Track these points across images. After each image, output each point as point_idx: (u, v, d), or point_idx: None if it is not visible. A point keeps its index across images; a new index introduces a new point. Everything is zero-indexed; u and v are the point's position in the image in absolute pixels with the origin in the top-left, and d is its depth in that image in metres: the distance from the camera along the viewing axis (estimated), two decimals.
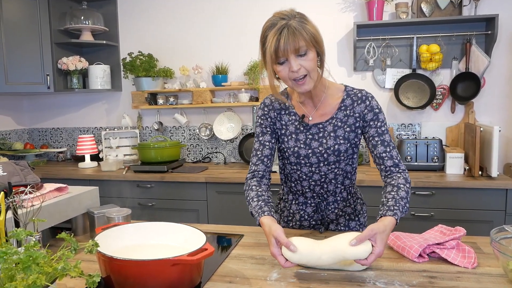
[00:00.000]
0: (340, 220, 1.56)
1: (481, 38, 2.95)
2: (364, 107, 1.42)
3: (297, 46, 1.26)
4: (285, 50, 1.26)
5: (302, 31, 1.27)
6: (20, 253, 0.77)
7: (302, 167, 1.48)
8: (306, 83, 1.33)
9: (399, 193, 1.31)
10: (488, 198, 2.49)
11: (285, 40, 1.26)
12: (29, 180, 1.48)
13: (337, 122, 1.44)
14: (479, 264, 1.21)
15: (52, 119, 3.96)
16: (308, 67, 1.29)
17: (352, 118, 1.43)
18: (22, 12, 3.18)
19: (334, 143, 1.43)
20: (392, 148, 1.41)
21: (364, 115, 1.42)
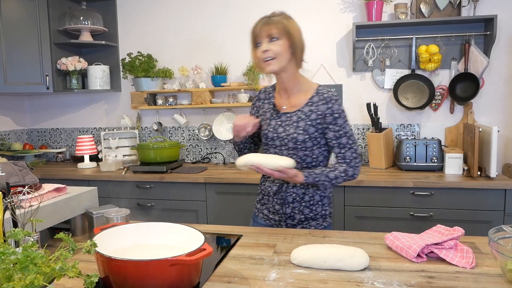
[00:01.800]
0: (295, 204, 1.69)
1: (480, 38, 2.96)
2: (326, 108, 1.60)
3: (269, 32, 1.56)
4: (260, 34, 1.58)
5: (277, 22, 1.57)
6: (18, 253, 0.77)
7: (269, 148, 1.70)
8: (272, 64, 1.57)
9: (329, 172, 1.60)
10: (487, 199, 2.49)
11: (260, 27, 1.58)
12: (27, 180, 1.48)
13: (301, 114, 1.63)
14: (478, 264, 1.21)
15: (51, 119, 3.96)
16: (276, 51, 1.55)
17: (315, 114, 1.61)
18: (21, 12, 3.18)
19: (294, 132, 1.62)
20: (348, 149, 1.61)
21: (325, 116, 1.60)
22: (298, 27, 1.62)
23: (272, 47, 1.55)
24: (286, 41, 1.56)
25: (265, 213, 1.77)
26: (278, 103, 1.70)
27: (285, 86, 1.66)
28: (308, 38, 3.26)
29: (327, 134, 1.61)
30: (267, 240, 1.48)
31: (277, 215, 1.73)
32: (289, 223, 1.71)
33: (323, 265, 1.20)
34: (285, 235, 1.54)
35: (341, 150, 1.61)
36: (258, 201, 1.83)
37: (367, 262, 1.20)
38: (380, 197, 2.64)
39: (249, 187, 2.82)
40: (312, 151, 1.63)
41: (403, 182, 2.58)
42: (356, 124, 3.25)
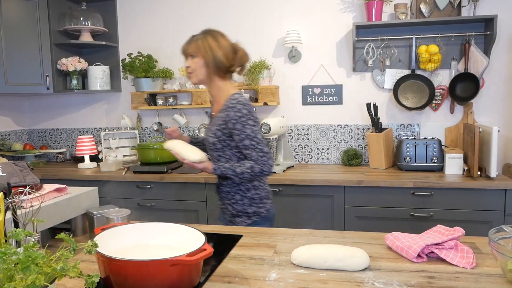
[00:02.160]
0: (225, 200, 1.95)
1: (480, 38, 2.96)
2: (225, 115, 1.79)
3: (188, 51, 1.84)
4: (183, 52, 1.87)
5: (194, 42, 1.82)
6: (19, 253, 0.78)
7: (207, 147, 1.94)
8: (192, 78, 1.86)
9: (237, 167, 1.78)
10: (487, 199, 2.49)
11: (184, 45, 1.86)
12: (28, 180, 1.48)
13: (216, 120, 1.86)
14: (478, 264, 1.21)
15: (52, 119, 3.96)
16: (192, 67, 1.83)
17: (221, 120, 1.81)
18: (22, 13, 3.18)
19: (210, 134, 1.87)
20: (252, 149, 1.78)
21: (227, 122, 1.78)
22: (214, 45, 1.80)
23: (190, 63, 1.84)
24: (201, 58, 1.80)
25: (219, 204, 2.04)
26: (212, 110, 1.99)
27: (211, 95, 1.93)
28: (308, 38, 3.29)
29: (233, 138, 1.80)
30: (267, 240, 1.48)
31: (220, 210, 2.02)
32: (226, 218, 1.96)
33: (323, 265, 1.20)
34: (285, 235, 1.54)
35: (246, 151, 1.79)
36: None
37: (367, 262, 1.20)
38: (380, 197, 2.64)
39: None
40: (224, 152, 1.85)
41: (403, 182, 2.58)
42: (356, 124, 3.25)
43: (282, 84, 3.36)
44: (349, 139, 3.28)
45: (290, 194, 2.79)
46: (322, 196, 2.74)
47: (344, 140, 3.29)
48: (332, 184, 2.69)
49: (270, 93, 3.24)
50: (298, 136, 3.37)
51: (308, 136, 3.35)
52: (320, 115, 3.32)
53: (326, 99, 3.29)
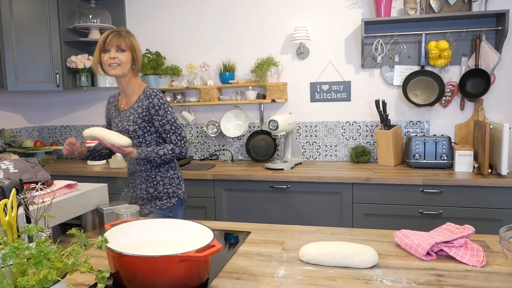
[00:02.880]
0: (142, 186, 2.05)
1: (491, 34, 2.92)
2: (148, 103, 1.96)
3: (119, 43, 1.92)
4: (110, 43, 1.91)
5: (126, 37, 1.94)
6: (32, 248, 0.79)
7: None
8: (116, 69, 1.93)
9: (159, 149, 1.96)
10: (497, 196, 2.47)
11: (112, 37, 1.92)
12: (39, 177, 1.50)
13: (132, 110, 1.98)
14: (488, 262, 1.21)
15: (61, 117, 4.00)
16: (122, 60, 1.93)
17: (141, 109, 1.96)
18: (32, 11, 3.21)
19: (126, 124, 1.98)
20: (172, 133, 1.99)
21: (149, 109, 1.95)
22: (138, 46, 2.01)
23: (119, 55, 1.92)
24: (130, 54, 1.95)
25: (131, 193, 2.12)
26: (119, 104, 2.09)
27: (124, 89, 2.03)
28: (316, 35, 3.28)
29: (154, 124, 1.98)
30: (275, 237, 1.49)
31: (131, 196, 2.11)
32: (140, 203, 2.06)
33: (331, 262, 1.21)
34: (293, 232, 1.54)
35: (167, 135, 1.98)
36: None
37: (375, 260, 1.20)
38: (388, 194, 2.63)
39: (258, 184, 2.83)
40: (145, 137, 1.99)
41: (412, 179, 2.56)
42: (364, 121, 3.24)
43: (290, 80, 3.35)
44: (357, 136, 3.27)
45: (298, 191, 2.79)
46: (330, 193, 2.74)
47: (352, 137, 3.28)
48: (340, 181, 2.69)
49: (278, 90, 3.24)
50: (306, 133, 3.37)
51: (316, 133, 3.35)
52: (328, 112, 3.31)
53: (334, 95, 3.27)
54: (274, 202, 2.84)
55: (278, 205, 2.83)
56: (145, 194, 2.05)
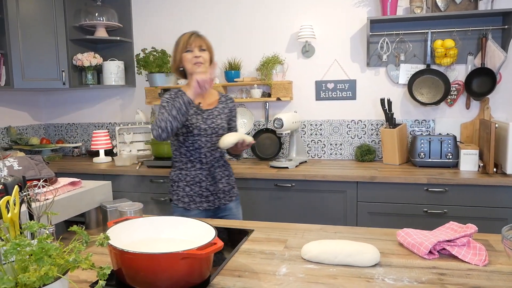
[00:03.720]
0: (223, 180, 2.15)
1: (497, 32, 2.90)
2: (232, 105, 2.22)
3: (201, 44, 2.06)
4: (193, 43, 2.05)
5: (204, 38, 2.12)
6: (33, 245, 0.80)
7: (201, 137, 2.06)
8: (202, 67, 2.03)
9: None
10: (502, 196, 2.45)
11: (194, 38, 2.07)
12: (43, 174, 1.51)
13: (219, 110, 2.15)
14: (490, 261, 1.20)
15: (68, 114, 4.03)
16: (205, 57, 2.06)
17: (227, 109, 2.18)
18: (38, 9, 3.23)
19: (221, 122, 2.12)
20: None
21: (232, 110, 2.21)
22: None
23: (202, 54, 2.04)
24: (208, 54, 2.08)
25: (197, 200, 2.08)
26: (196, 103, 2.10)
27: None
28: (322, 33, 3.27)
29: (230, 124, 2.20)
30: (278, 235, 1.49)
31: (212, 196, 2.10)
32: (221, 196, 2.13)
33: (333, 261, 1.21)
34: (296, 230, 1.54)
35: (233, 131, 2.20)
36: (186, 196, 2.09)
37: (377, 258, 1.20)
38: (393, 193, 2.62)
39: (262, 182, 2.83)
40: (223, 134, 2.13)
41: (417, 178, 2.55)
42: (370, 120, 3.23)
43: (295, 79, 3.35)
44: (362, 134, 3.26)
45: (302, 190, 2.78)
46: (334, 192, 2.73)
47: (357, 136, 3.27)
48: (345, 180, 2.68)
49: (283, 88, 3.23)
50: (311, 131, 3.36)
51: (321, 132, 3.34)
52: (333, 111, 3.30)
53: (339, 94, 3.26)
54: (279, 201, 2.84)
55: (282, 204, 2.83)
56: (226, 186, 2.16)
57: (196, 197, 2.09)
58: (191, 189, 2.09)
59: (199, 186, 2.09)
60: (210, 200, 2.11)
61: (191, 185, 2.09)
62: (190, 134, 2.06)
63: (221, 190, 2.13)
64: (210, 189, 2.10)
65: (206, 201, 2.10)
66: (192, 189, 2.09)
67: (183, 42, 2.07)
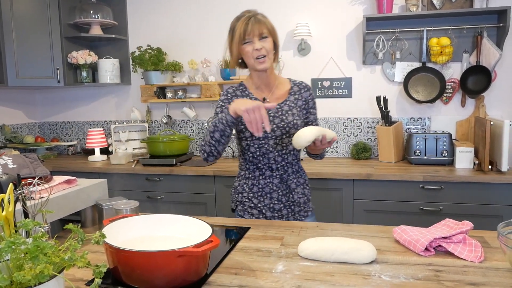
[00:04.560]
0: (299, 189, 1.81)
1: (492, 30, 2.91)
2: (308, 95, 1.80)
3: (261, 31, 1.63)
4: (252, 32, 1.62)
5: (265, 21, 1.66)
6: (28, 243, 0.79)
7: (269, 140, 1.72)
8: (265, 61, 1.65)
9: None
10: (497, 193, 2.47)
11: (252, 25, 1.62)
12: (38, 172, 1.50)
13: (290, 103, 1.76)
14: (486, 258, 1.20)
15: (62, 112, 4.00)
16: (267, 48, 1.65)
17: (301, 101, 1.78)
18: (32, 6, 3.20)
19: (293, 119, 1.73)
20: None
21: (308, 101, 1.80)
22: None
23: (264, 44, 1.64)
24: (272, 40, 1.67)
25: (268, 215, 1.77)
26: (261, 98, 1.77)
27: (269, 81, 1.77)
28: (318, 31, 3.27)
29: (307, 118, 1.80)
30: (274, 233, 1.49)
31: (285, 208, 1.77)
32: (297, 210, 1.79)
33: (330, 258, 1.20)
34: (292, 228, 1.54)
35: None
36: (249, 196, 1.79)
37: (374, 255, 1.20)
38: (389, 191, 2.63)
39: None
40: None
41: (413, 176, 2.56)
42: (365, 118, 3.23)
43: (291, 77, 3.31)
44: (358, 132, 3.26)
45: None
46: (330, 190, 2.73)
47: (353, 134, 3.27)
48: (341, 177, 2.69)
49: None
50: None
51: None
52: (329, 108, 3.31)
53: (335, 92, 3.27)
54: None
55: None
56: (301, 197, 1.80)
57: (267, 210, 1.76)
58: (259, 201, 1.76)
59: (269, 198, 1.76)
60: (283, 214, 1.77)
61: (259, 196, 1.77)
62: (254, 137, 1.72)
63: (296, 202, 1.78)
64: (282, 200, 1.76)
65: (278, 215, 1.77)
66: (260, 201, 1.76)
67: (239, 32, 1.65)
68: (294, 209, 1.78)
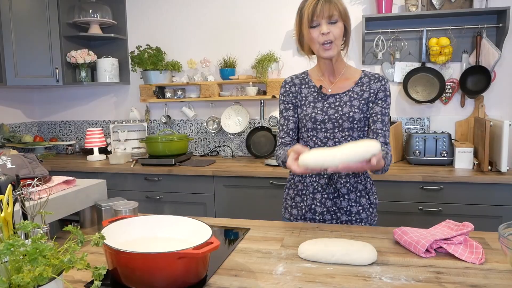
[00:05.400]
0: (351, 195, 1.61)
1: (492, 31, 2.91)
2: (380, 86, 1.56)
3: (331, 13, 1.44)
4: (321, 14, 1.44)
5: (337, 3, 1.47)
6: (27, 245, 0.78)
7: (318, 133, 1.57)
8: (332, 48, 1.48)
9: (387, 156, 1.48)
10: (497, 193, 2.47)
11: (322, 6, 1.44)
12: (37, 172, 1.49)
13: (353, 94, 1.57)
14: (487, 260, 1.20)
15: (61, 112, 3.99)
16: (336, 34, 1.47)
17: (367, 93, 1.56)
18: (31, 5, 3.19)
19: (349, 111, 1.54)
20: (387, 130, 1.56)
21: (377, 92, 1.56)
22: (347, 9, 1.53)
23: (332, 29, 1.45)
24: (342, 24, 1.48)
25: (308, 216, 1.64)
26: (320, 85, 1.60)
27: (334, 69, 1.59)
28: None
29: (372, 109, 1.55)
30: (274, 234, 1.48)
31: (329, 213, 1.61)
32: (344, 219, 1.61)
33: (330, 260, 1.20)
34: (292, 229, 1.54)
35: (384, 127, 1.54)
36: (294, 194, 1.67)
37: (374, 257, 1.20)
38: (388, 191, 2.62)
39: (258, 180, 2.83)
40: (364, 132, 1.58)
41: (412, 176, 2.56)
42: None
43: None
44: None
45: None
46: None
47: None
48: None
49: (279, 85, 3.23)
50: None
51: None
52: None
53: None
54: (274, 199, 2.83)
55: (278, 202, 2.83)
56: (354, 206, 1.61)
57: (307, 211, 1.62)
58: (302, 199, 1.64)
59: (311, 198, 1.61)
60: (326, 219, 1.61)
61: (303, 195, 1.64)
62: (303, 128, 1.60)
63: (345, 210, 1.59)
64: (327, 204, 1.59)
65: (320, 219, 1.61)
66: (303, 200, 1.63)
67: (307, 13, 1.46)
68: (340, 217, 1.60)
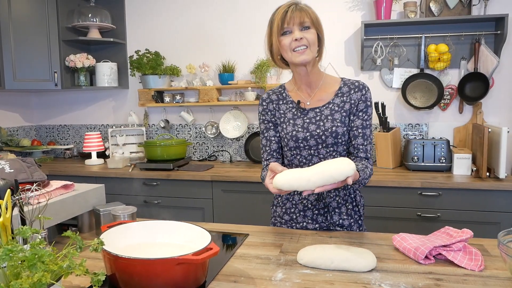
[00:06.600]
0: (342, 209, 1.59)
1: (490, 38, 2.92)
2: (360, 96, 1.51)
3: (302, 19, 1.42)
4: (291, 20, 1.42)
5: (308, 10, 1.45)
6: (26, 250, 0.78)
7: (301, 151, 1.53)
8: (306, 53, 1.44)
9: (366, 169, 1.44)
10: (495, 200, 2.47)
11: (292, 13, 1.42)
12: (35, 177, 1.49)
13: (334, 106, 1.51)
14: (486, 267, 1.20)
15: (59, 116, 3.98)
16: (309, 40, 1.43)
17: (348, 104, 1.51)
18: (31, 9, 3.19)
19: (331, 125, 1.49)
20: (369, 143, 1.52)
21: (358, 103, 1.51)
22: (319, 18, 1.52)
23: (305, 35, 1.42)
24: (315, 32, 1.45)
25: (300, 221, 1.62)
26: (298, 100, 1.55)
27: (310, 80, 1.54)
28: None
29: (353, 122, 1.50)
30: (273, 240, 1.48)
31: (321, 229, 1.59)
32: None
33: (329, 266, 1.20)
34: (291, 235, 1.53)
35: (364, 142, 1.50)
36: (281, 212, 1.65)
37: (374, 263, 1.19)
38: (387, 197, 2.62)
39: (256, 186, 2.82)
40: (347, 145, 1.53)
41: (411, 182, 2.56)
42: None
43: None
44: None
45: None
46: None
47: None
48: None
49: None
50: None
51: None
52: None
53: None
54: None
55: None
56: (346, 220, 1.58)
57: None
58: (291, 218, 1.62)
59: (302, 216, 1.60)
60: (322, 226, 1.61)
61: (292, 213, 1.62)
62: (286, 147, 1.55)
63: (337, 224, 1.58)
64: (318, 219, 1.58)
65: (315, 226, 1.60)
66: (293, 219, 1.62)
67: (277, 20, 1.44)
68: (332, 230, 1.58)
